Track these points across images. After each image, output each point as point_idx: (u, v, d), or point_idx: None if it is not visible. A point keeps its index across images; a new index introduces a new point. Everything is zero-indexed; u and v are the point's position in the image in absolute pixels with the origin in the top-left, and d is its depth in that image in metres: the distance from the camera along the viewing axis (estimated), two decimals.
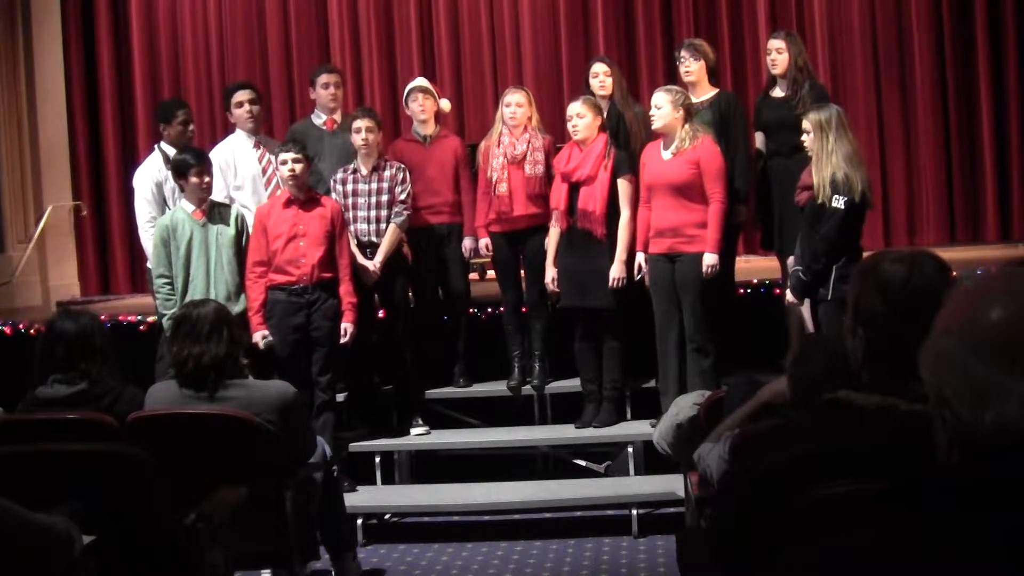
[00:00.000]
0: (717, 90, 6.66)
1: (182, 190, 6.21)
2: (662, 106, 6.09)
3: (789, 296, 5.87)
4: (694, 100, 6.36)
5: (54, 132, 9.77)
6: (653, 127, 6.18)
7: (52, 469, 3.53)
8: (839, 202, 5.50)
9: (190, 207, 6.17)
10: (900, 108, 9.55)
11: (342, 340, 6.14)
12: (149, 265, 6.59)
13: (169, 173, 6.47)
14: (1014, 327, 1.20)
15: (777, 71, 6.57)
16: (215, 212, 6.23)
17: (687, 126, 6.08)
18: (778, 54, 6.55)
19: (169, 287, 6.14)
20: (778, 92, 6.61)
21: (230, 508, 3.98)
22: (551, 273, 6.41)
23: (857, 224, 5.65)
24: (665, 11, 9.79)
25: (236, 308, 5.93)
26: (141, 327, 7.21)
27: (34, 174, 9.61)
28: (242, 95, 6.84)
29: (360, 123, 6.43)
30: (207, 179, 6.13)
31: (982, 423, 1.19)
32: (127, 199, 8.85)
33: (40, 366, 4.33)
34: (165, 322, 5.80)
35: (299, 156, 6.14)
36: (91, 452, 3.63)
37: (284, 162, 6.14)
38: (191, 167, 6.09)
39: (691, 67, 6.56)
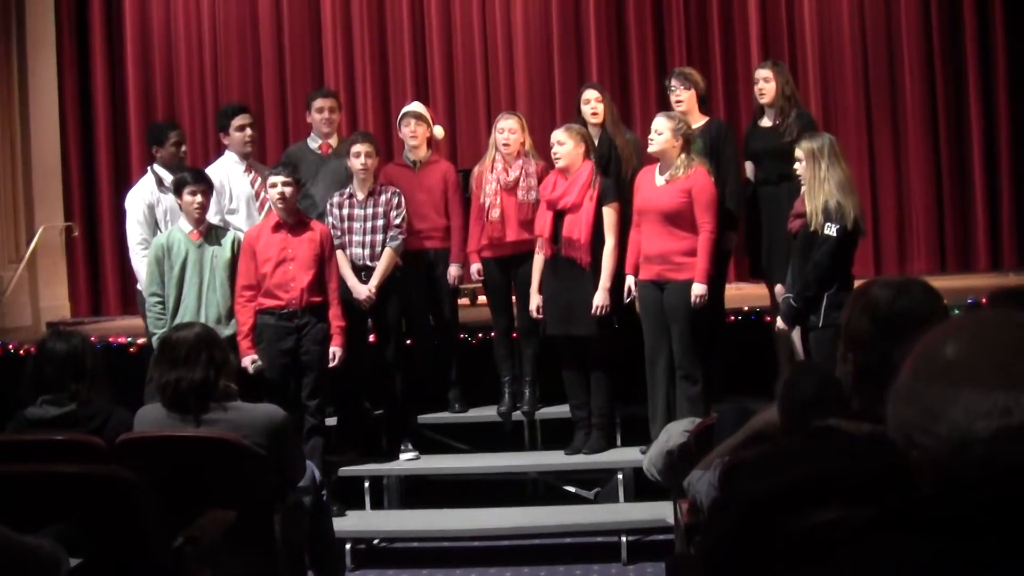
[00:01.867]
0: (708, 118, 6.69)
1: (181, 208, 6.22)
2: (662, 132, 6.11)
3: (779, 323, 5.88)
4: None
5: (47, 152, 9.76)
6: (649, 150, 6.20)
7: (40, 490, 3.52)
8: (831, 229, 5.52)
9: (187, 227, 6.18)
10: (891, 136, 9.59)
11: (331, 364, 6.14)
12: (140, 287, 6.58)
13: (161, 195, 6.50)
14: (968, 357, 1.23)
15: (765, 100, 6.60)
16: (212, 234, 6.24)
17: (683, 155, 6.10)
18: (765, 83, 6.57)
19: (161, 306, 6.14)
20: (766, 121, 6.64)
21: (218, 532, 3.96)
22: (535, 301, 6.42)
23: (849, 252, 5.66)
24: (658, 37, 9.83)
25: (227, 331, 5.93)
26: (131, 349, 7.20)
27: (26, 194, 9.59)
28: (244, 118, 6.85)
29: (360, 147, 6.43)
30: (199, 199, 6.13)
31: (940, 442, 1.22)
32: (119, 220, 8.83)
33: (30, 386, 4.31)
34: (155, 341, 5.78)
35: (288, 179, 6.15)
36: (79, 474, 3.62)
37: (273, 185, 6.15)
38: (185, 184, 6.12)
39: (682, 96, 6.59)
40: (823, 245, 5.54)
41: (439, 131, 7.10)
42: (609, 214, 6.29)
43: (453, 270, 6.72)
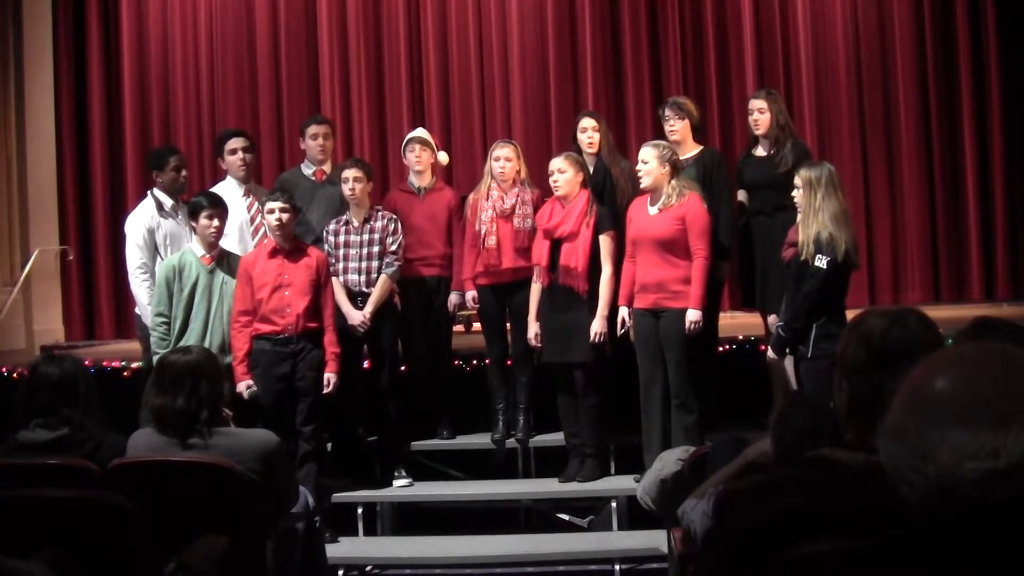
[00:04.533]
0: (702, 147, 6.70)
1: (194, 232, 6.23)
2: (648, 161, 6.13)
3: (770, 352, 5.88)
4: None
5: (43, 175, 9.76)
6: (642, 185, 6.21)
7: (31, 515, 3.50)
8: (822, 261, 5.51)
9: (200, 251, 6.19)
10: (885, 166, 9.62)
11: (325, 390, 6.13)
12: (138, 311, 6.58)
13: (162, 220, 6.51)
14: (956, 394, 1.24)
15: (759, 131, 6.61)
16: (224, 260, 6.24)
17: (674, 182, 6.12)
18: (760, 114, 6.59)
19: (166, 327, 6.11)
20: (760, 151, 6.65)
21: (211, 557, 3.94)
22: (533, 328, 6.42)
23: (839, 284, 5.63)
24: (654, 66, 9.86)
25: (229, 359, 5.96)
26: (125, 373, 7.19)
27: (21, 217, 9.59)
28: (236, 142, 6.86)
29: (349, 173, 6.45)
30: (216, 223, 6.14)
31: (929, 482, 1.22)
32: (115, 244, 8.86)
33: (22, 410, 4.29)
34: (157, 362, 5.76)
35: (286, 205, 6.16)
36: (71, 498, 3.60)
37: (271, 211, 6.16)
38: (202, 208, 6.12)
39: (675, 126, 6.60)
40: (813, 277, 5.53)
41: (444, 157, 7.11)
42: (606, 242, 6.31)
43: (454, 298, 6.73)
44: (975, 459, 1.20)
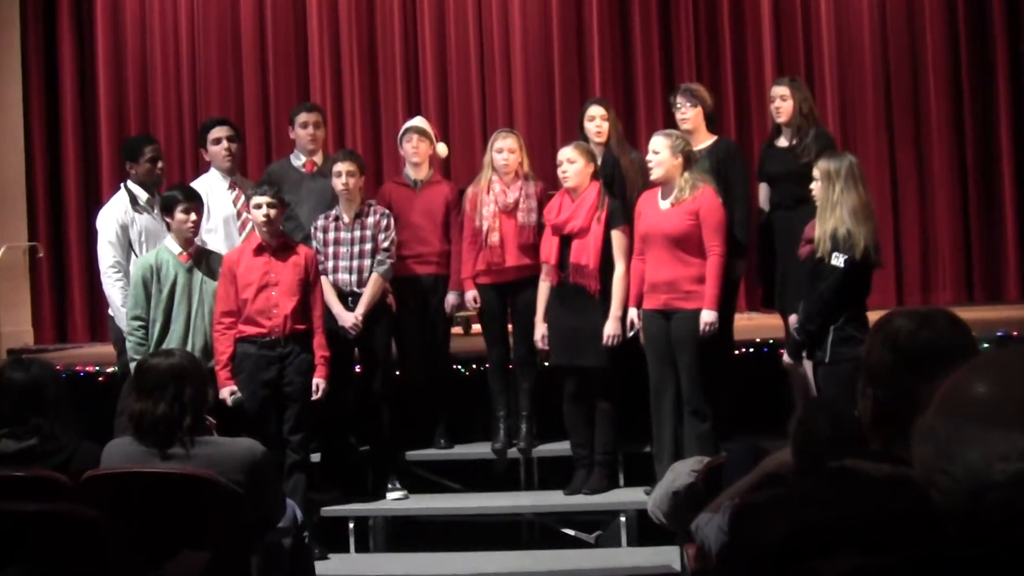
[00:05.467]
0: (716, 137, 6.70)
1: (168, 228, 6.21)
2: (660, 152, 6.12)
3: (786, 356, 5.89)
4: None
5: (10, 168, 9.77)
6: (652, 177, 6.21)
7: None
8: (838, 259, 5.49)
9: (176, 248, 6.16)
10: (914, 157, 9.60)
11: (314, 396, 6.13)
12: (111, 312, 6.57)
13: (136, 215, 6.48)
14: (991, 396, 1.24)
15: (781, 119, 6.62)
16: (202, 257, 6.23)
17: (687, 174, 6.11)
18: (782, 101, 6.59)
19: (143, 331, 6.09)
20: (782, 141, 6.66)
21: (191, 575, 3.95)
22: (541, 330, 6.43)
23: (858, 284, 5.59)
24: (665, 52, 9.85)
25: (213, 363, 5.96)
26: (100, 378, 7.19)
27: None
28: (220, 131, 6.85)
29: (341, 167, 6.44)
30: (194, 218, 6.12)
31: (957, 483, 1.22)
32: (88, 240, 8.86)
33: None
34: (134, 368, 5.74)
35: (273, 200, 6.15)
36: (41, 512, 3.60)
37: (258, 206, 6.15)
38: (177, 203, 6.09)
39: (687, 114, 6.59)
40: (829, 276, 5.52)
41: (443, 149, 7.12)
42: (619, 238, 6.30)
43: (451, 298, 6.73)
44: (1005, 460, 1.21)
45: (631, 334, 6.29)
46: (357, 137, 9.91)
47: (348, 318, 6.40)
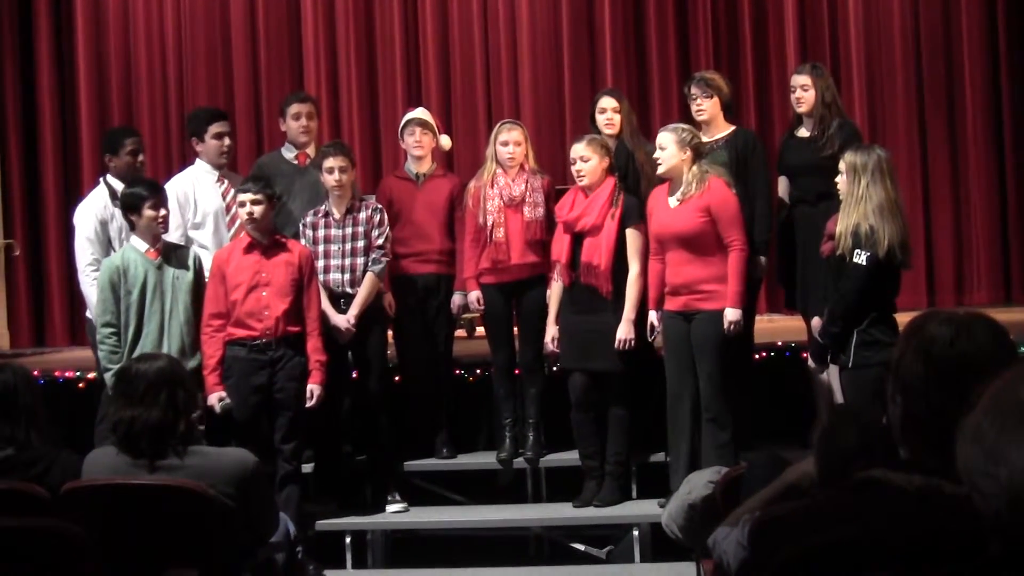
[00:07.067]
0: (734, 127, 6.70)
1: (132, 227, 6.19)
2: (667, 147, 6.11)
3: (810, 360, 5.89)
4: (708, 139, 6.39)
5: None
6: (659, 172, 6.21)
7: None
8: (860, 257, 5.47)
9: (143, 246, 6.14)
10: (948, 150, 9.58)
11: (308, 403, 6.13)
12: (89, 314, 6.57)
13: (116, 210, 6.46)
14: None
15: (803, 109, 6.61)
16: (170, 253, 6.21)
17: (694, 168, 6.10)
18: (803, 91, 6.58)
19: (116, 338, 6.08)
20: (804, 132, 6.65)
21: None
22: (552, 332, 6.43)
23: (882, 284, 5.58)
24: (681, 39, 9.84)
25: (191, 364, 5.91)
26: (80, 384, 7.19)
27: None
28: (222, 126, 6.86)
29: (332, 161, 6.42)
30: (163, 212, 6.11)
31: (1000, 488, 1.22)
32: (67, 238, 8.83)
33: None
34: (109, 378, 5.75)
35: (259, 196, 6.14)
36: (17, 528, 3.61)
37: (242, 203, 6.15)
38: (144, 199, 6.06)
39: (703, 105, 6.58)
40: (851, 275, 5.52)
41: (446, 141, 7.12)
42: (634, 236, 6.30)
43: (458, 298, 6.74)
44: None
45: (652, 338, 6.28)
46: (354, 129, 9.88)
47: (341, 321, 6.39)
